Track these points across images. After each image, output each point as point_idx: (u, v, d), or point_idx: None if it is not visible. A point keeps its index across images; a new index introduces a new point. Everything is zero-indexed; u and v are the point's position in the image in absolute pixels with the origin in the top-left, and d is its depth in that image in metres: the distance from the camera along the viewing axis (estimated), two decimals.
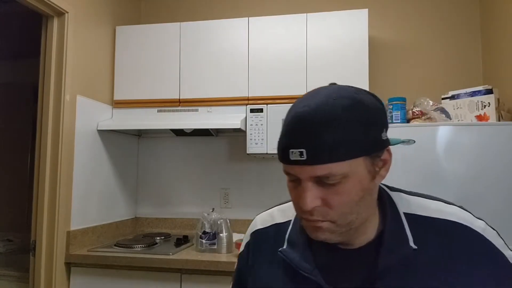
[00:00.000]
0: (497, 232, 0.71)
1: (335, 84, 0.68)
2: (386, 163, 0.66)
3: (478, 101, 1.99)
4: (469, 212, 0.72)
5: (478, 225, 0.69)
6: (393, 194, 0.74)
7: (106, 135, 2.46)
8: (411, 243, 0.66)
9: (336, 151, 0.59)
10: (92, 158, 2.32)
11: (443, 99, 2.15)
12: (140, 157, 2.84)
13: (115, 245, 2.20)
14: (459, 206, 0.73)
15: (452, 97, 2.11)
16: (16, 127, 3.22)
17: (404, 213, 0.71)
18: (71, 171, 2.13)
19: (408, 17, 2.62)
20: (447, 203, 0.73)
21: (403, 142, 0.82)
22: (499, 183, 1.78)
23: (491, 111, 1.94)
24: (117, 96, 2.51)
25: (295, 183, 0.65)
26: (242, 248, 0.87)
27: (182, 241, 2.31)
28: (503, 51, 2.24)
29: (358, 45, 2.24)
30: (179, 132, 2.69)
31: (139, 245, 2.17)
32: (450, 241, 0.67)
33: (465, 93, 2.05)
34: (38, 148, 2.07)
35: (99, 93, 2.40)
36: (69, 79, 2.11)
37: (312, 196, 0.62)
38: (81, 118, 2.21)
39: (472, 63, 2.53)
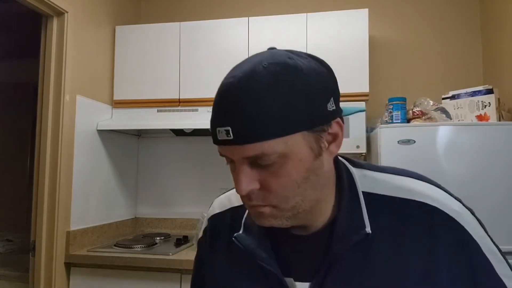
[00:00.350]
0: (477, 218, 0.62)
1: (274, 48, 0.59)
2: (336, 138, 0.58)
3: (478, 101, 1.99)
4: (445, 191, 0.63)
5: (453, 208, 0.60)
6: (354, 171, 0.65)
7: (106, 135, 2.45)
8: (367, 228, 0.58)
9: (266, 128, 0.51)
10: (91, 158, 2.32)
11: (443, 99, 2.14)
12: (140, 157, 2.84)
13: (115, 245, 2.20)
14: (434, 184, 0.64)
15: (453, 97, 2.10)
16: (16, 127, 3.22)
17: (364, 193, 0.62)
18: (70, 171, 2.12)
19: (408, 17, 2.62)
20: (420, 180, 0.64)
21: (360, 111, 0.74)
22: (499, 183, 1.78)
23: (491, 111, 1.94)
24: (117, 96, 2.51)
25: (233, 165, 0.57)
26: (200, 234, 0.80)
27: (182, 241, 2.31)
28: (503, 50, 2.23)
29: (358, 45, 2.24)
30: (179, 132, 2.69)
31: (139, 245, 2.16)
32: (414, 225, 0.59)
33: (465, 93, 2.05)
34: (38, 148, 2.07)
35: (99, 93, 2.40)
36: (69, 79, 2.11)
37: (248, 179, 0.55)
38: (81, 118, 2.21)
39: (473, 63, 2.53)
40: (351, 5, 2.64)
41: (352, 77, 2.21)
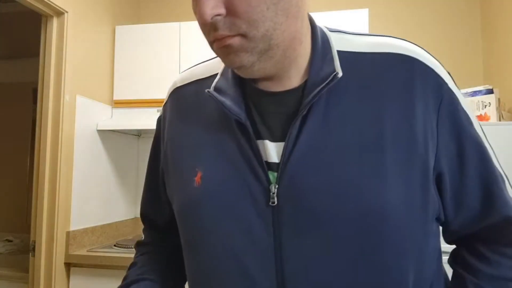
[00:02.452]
0: (452, 78, 0.60)
1: None
2: None
3: (478, 101, 1.99)
4: (425, 50, 0.60)
5: (432, 60, 0.58)
6: (330, 33, 0.62)
7: (106, 135, 2.45)
8: (338, 73, 0.55)
9: None
10: (91, 158, 2.31)
11: None
12: (140, 157, 2.84)
13: (114, 246, 2.20)
14: (413, 43, 0.61)
15: None
16: (16, 127, 3.22)
17: (339, 51, 0.59)
18: (70, 171, 2.12)
19: (408, 17, 2.62)
20: (398, 38, 0.61)
21: None
22: None
23: (491, 111, 1.94)
24: (117, 96, 2.50)
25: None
26: (160, 112, 0.75)
27: None
28: (504, 50, 2.23)
29: None
30: None
31: None
32: (392, 76, 0.57)
33: (465, 93, 2.05)
34: (37, 148, 2.06)
35: (99, 93, 2.40)
36: (69, 79, 2.10)
37: (211, 2, 0.51)
38: (81, 118, 2.21)
39: (473, 63, 2.53)
40: (351, 5, 2.64)
41: None
